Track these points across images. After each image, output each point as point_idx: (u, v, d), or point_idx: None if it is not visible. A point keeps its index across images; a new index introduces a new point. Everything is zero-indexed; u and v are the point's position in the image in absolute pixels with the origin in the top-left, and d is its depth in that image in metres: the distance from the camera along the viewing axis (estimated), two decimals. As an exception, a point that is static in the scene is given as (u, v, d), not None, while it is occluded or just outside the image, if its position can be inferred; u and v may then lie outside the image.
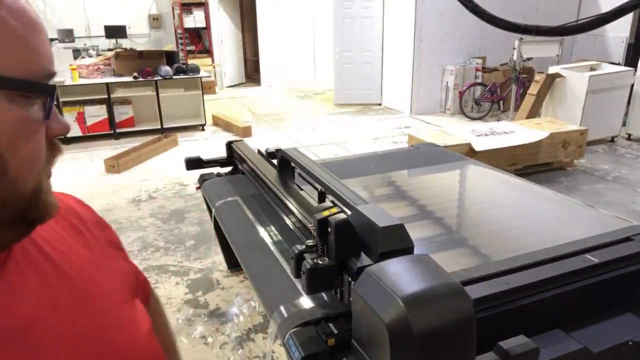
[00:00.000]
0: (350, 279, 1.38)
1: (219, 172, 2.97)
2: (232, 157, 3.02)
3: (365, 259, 1.37)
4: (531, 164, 5.06)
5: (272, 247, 2.02)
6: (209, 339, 2.67)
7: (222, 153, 3.08)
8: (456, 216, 2.41)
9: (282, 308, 1.55)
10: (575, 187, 4.82)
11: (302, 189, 2.11)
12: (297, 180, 2.24)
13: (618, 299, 1.73)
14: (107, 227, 0.81)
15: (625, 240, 1.92)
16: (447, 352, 1.13)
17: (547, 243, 1.93)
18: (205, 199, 2.88)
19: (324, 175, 1.86)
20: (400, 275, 1.18)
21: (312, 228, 1.50)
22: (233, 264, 3.33)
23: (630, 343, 1.51)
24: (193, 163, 2.96)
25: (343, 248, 1.39)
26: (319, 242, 1.45)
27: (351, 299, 1.32)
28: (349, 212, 1.48)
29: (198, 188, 2.94)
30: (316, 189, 1.95)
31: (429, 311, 1.11)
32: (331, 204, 1.57)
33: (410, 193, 2.65)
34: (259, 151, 2.78)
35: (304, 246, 1.49)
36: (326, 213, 1.43)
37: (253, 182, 2.65)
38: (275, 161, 2.45)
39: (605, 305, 1.71)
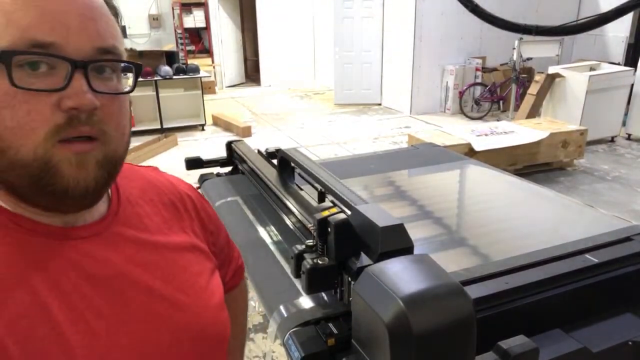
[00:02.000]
0: (350, 278, 1.39)
1: (218, 172, 2.96)
2: (232, 157, 3.02)
3: (365, 259, 1.37)
4: (531, 164, 5.06)
5: (272, 247, 2.02)
6: (209, 339, 2.67)
7: (222, 153, 3.08)
8: (456, 216, 2.41)
9: (282, 308, 1.55)
10: (575, 187, 4.82)
11: (301, 189, 2.11)
12: (297, 180, 2.24)
13: (618, 299, 1.73)
14: (212, 217, 0.90)
15: (625, 240, 1.92)
16: (446, 352, 1.14)
17: (547, 243, 1.93)
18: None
19: (323, 175, 1.86)
20: (400, 275, 1.19)
21: (312, 228, 1.51)
22: (233, 264, 3.32)
23: (630, 343, 1.51)
24: (193, 163, 2.96)
25: (343, 248, 1.40)
26: (318, 242, 1.45)
27: (351, 299, 1.33)
28: (349, 212, 1.48)
29: (198, 188, 2.94)
30: (316, 189, 1.95)
31: (428, 311, 1.11)
32: (331, 204, 1.57)
33: (410, 193, 2.65)
34: (258, 151, 2.78)
35: (303, 246, 1.49)
36: (326, 213, 1.44)
37: (253, 182, 2.65)
38: (275, 161, 2.46)
39: (605, 305, 1.71)
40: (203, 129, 7.24)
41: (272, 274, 1.80)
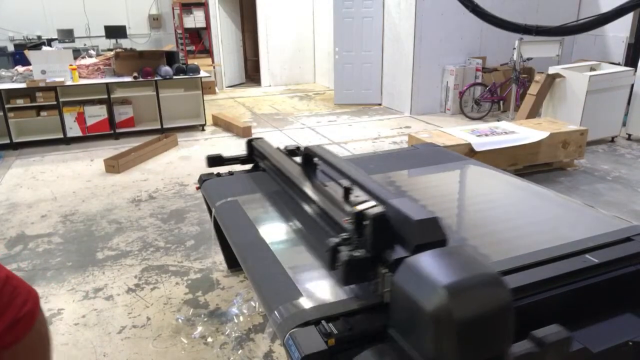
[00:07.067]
0: (386, 270, 1.41)
1: (218, 173, 2.97)
2: (253, 154, 3.06)
3: (400, 251, 1.40)
4: (531, 164, 5.06)
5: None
6: (209, 339, 2.67)
7: (223, 153, 3.09)
8: (456, 216, 2.41)
9: (282, 308, 1.55)
10: (575, 187, 4.81)
11: (326, 185, 2.14)
12: (318, 176, 2.29)
13: (618, 299, 1.73)
14: None
15: (625, 241, 1.92)
16: (486, 338, 1.16)
17: (547, 243, 1.93)
18: (205, 199, 2.88)
19: (352, 170, 1.91)
20: (440, 266, 1.22)
21: (348, 221, 1.53)
22: (233, 264, 3.33)
23: (630, 343, 1.51)
24: (214, 160, 3.05)
25: (379, 240, 1.43)
26: (354, 235, 1.48)
27: (385, 290, 1.37)
28: (383, 206, 1.51)
29: (198, 188, 2.95)
30: (340, 185, 2.00)
31: (469, 299, 1.15)
32: (366, 198, 1.59)
33: (410, 193, 2.65)
34: (280, 149, 2.83)
35: (338, 239, 1.52)
36: (362, 206, 1.47)
37: (275, 178, 2.68)
38: (296, 159, 2.48)
39: (605, 305, 1.71)
40: (203, 129, 7.24)
41: (272, 274, 1.80)
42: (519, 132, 5.01)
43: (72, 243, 3.85)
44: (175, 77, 6.83)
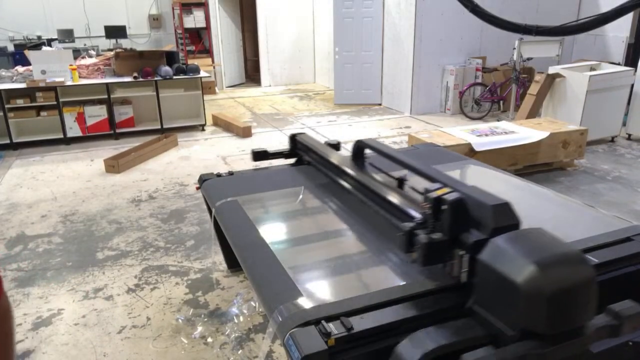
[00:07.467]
0: (463, 252, 1.52)
1: (219, 173, 2.97)
2: (296, 148, 3.13)
3: (477, 234, 1.51)
4: (531, 164, 5.06)
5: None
6: (209, 339, 2.67)
7: (222, 153, 3.09)
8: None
9: (282, 308, 1.55)
10: (575, 187, 4.81)
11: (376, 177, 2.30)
12: (367, 168, 2.49)
13: (618, 298, 1.73)
14: None
15: (625, 241, 1.92)
16: (571, 310, 1.27)
17: (547, 243, 1.92)
18: (205, 199, 2.89)
19: (413, 161, 2.09)
20: (526, 245, 1.35)
21: (425, 206, 1.63)
22: (233, 264, 3.33)
23: (631, 343, 1.51)
24: (259, 155, 3.16)
25: (457, 224, 1.54)
26: (430, 219, 1.59)
27: (463, 270, 1.50)
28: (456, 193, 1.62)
29: (198, 188, 2.95)
30: (391, 177, 2.23)
31: (557, 273, 1.26)
32: (442, 184, 1.70)
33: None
34: (326, 143, 2.99)
35: (412, 224, 1.63)
36: (440, 192, 1.59)
37: (323, 171, 2.80)
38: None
39: (605, 305, 1.71)
40: (203, 129, 7.24)
41: (272, 274, 1.80)
42: (519, 132, 5.01)
43: (72, 243, 3.85)
44: (175, 77, 6.83)
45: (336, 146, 2.96)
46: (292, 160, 3.18)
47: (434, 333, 1.33)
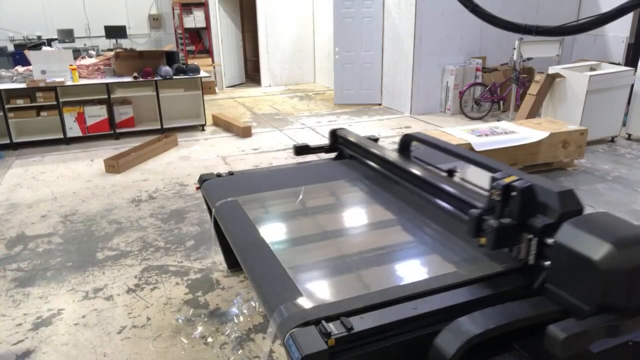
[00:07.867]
0: (531, 236, 1.61)
1: (218, 173, 2.97)
2: (337, 143, 3.16)
3: (545, 219, 1.60)
4: (531, 164, 5.06)
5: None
6: (209, 339, 2.67)
7: (223, 153, 3.09)
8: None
9: (282, 308, 1.55)
10: (576, 187, 4.81)
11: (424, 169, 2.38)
12: (414, 161, 2.57)
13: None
14: None
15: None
16: None
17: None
18: (205, 199, 2.89)
19: (467, 152, 2.24)
20: (600, 226, 1.44)
21: (495, 193, 1.71)
22: (233, 264, 3.33)
23: (631, 343, 1.51)
24: (301, 149, 3.21)
25: (525, 210, 1.62)
26: (499, 205, 1.67)
27: (532, 252, 1.60)
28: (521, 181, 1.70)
29: (198, 188, 2.95)
30: (439, 169, 2.38)
31: (632, 252, 1.36)
32: (510, 172, 1.79)
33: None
34: (369, 137, 3.05)
35: (480, 210, 1.72)
36: (508, 180, 1.67)
37: (368, 164, 2.86)
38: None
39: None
40: (203, 129, 7.24)
41: (272, 274, 1.80)
42: (519, 132, 5.01)
43: (72, 243, 3.85)
44: (175, 77, 6.83)
45: (376, 140, 3.01)
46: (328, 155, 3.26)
47: (514, 307, 1.45)
